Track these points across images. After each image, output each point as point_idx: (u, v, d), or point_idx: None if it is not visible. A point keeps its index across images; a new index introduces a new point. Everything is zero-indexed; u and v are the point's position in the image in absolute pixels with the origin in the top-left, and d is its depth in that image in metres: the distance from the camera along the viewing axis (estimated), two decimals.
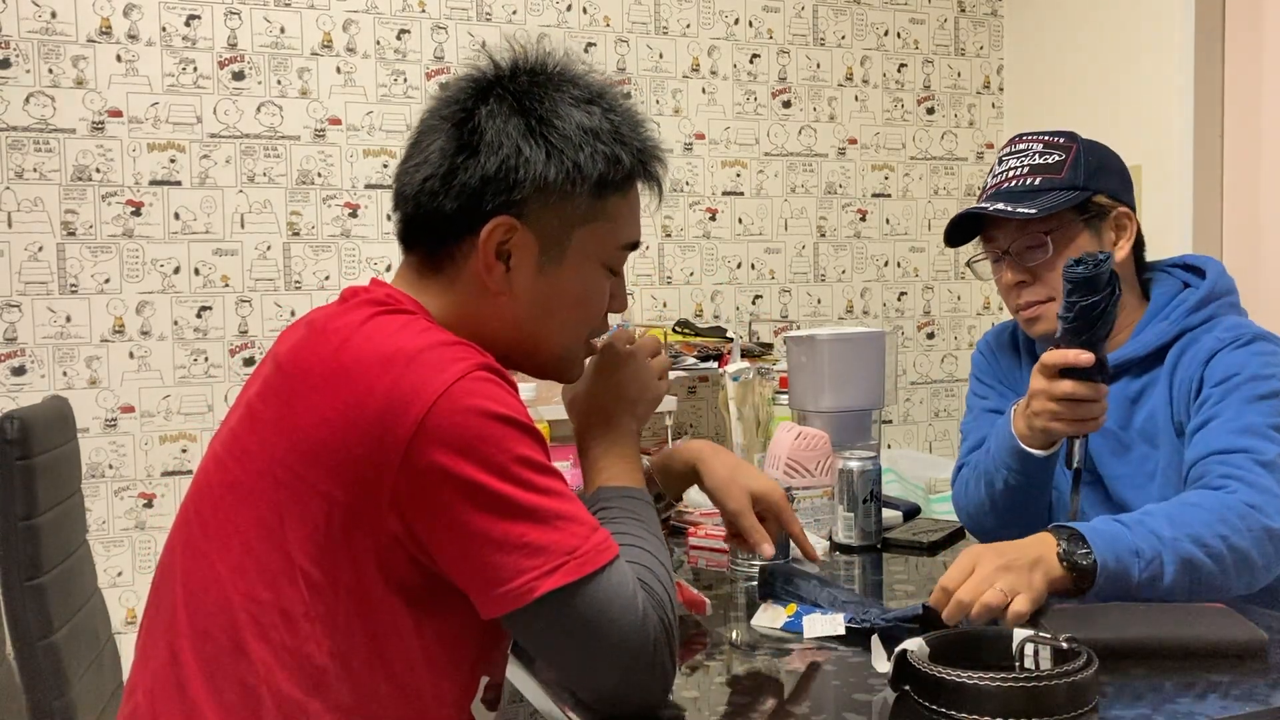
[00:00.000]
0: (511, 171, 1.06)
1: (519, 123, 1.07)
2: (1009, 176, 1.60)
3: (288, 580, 0.97)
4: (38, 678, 1.40)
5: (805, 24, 3.46)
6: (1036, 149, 1.61)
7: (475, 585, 0.97)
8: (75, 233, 2.69)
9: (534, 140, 1.06)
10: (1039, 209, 1.53)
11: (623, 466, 1.16)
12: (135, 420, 2.76)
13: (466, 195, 1.06)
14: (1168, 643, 1.13)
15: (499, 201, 1.06)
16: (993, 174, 1.64)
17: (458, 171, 1.07)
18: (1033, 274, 1.59)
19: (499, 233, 1.07)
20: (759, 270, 3.43)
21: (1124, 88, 3.25)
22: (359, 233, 2.96)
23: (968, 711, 0.97)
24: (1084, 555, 1.25)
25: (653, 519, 1.12)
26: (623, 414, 1.19)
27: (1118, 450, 1.58)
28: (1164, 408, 1.54)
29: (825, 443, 1.76)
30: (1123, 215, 1.60)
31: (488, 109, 1.08)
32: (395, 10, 2.98)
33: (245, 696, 0.97)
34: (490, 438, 0.96)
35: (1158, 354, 1.56)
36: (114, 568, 2.74)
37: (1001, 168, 1.63)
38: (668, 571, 1.06)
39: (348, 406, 0.96)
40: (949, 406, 3.72)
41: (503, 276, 1.08)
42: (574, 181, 1.07)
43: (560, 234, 1.09)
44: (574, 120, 1.08)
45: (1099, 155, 1.61)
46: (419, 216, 1.10)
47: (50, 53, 2.66)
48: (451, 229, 1.08)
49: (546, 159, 1.06)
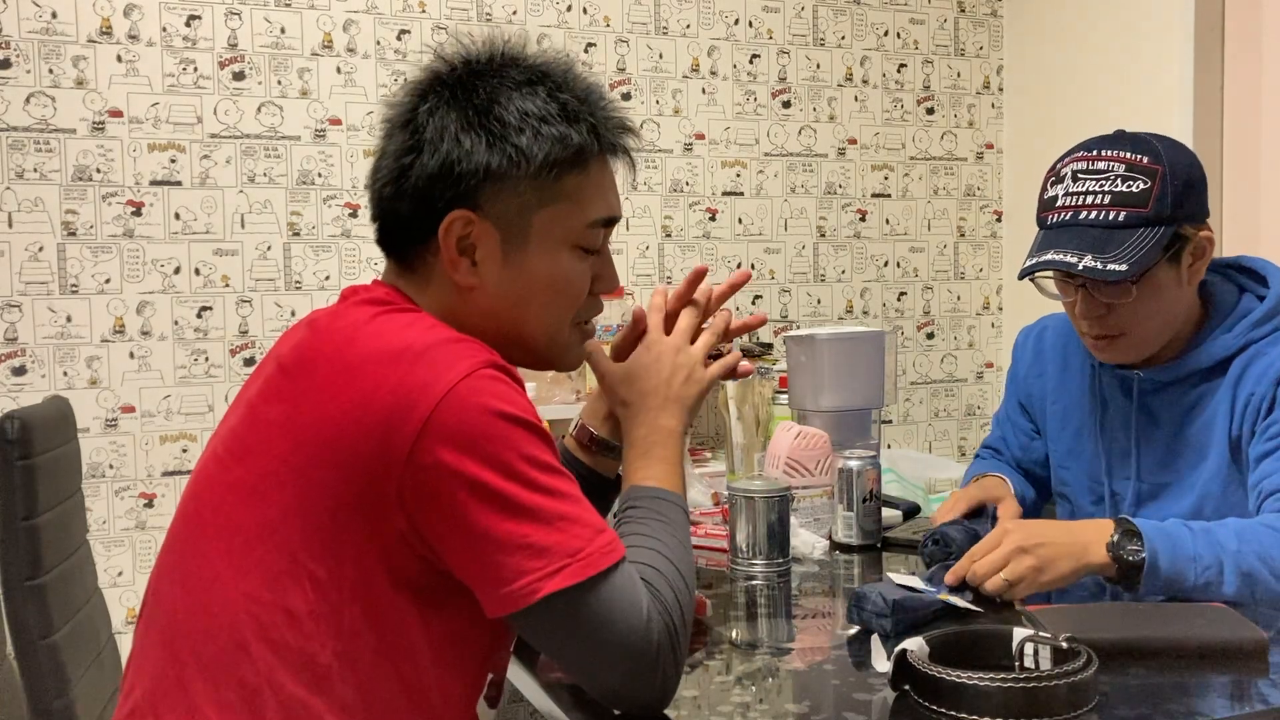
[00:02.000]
0: (455, 165, 1.06)
1: (456, 115, 1.07)
2: (1088, 204, 1.47)
3: (291, 579, 0.97)
4: (38, 678, 1.40)
5: (805, 24, 3.46)
6: (1118, 171, 1.46)
7: (479, 584, 0.97)
8: (75, 233, 2.69)
9: (474, 131, 1.06)
10: (1130, 266, 1.42)
11: (662, 468, 1.14)
12: (135, 420, 2.76)
13: (418, 195, 1.07)
14: (1168, 643, 1.13)
15: (449, 196, 1.06)
16: (1065, 190, 1.50)
17: (407, 172, 1.07)
18: (1108, 308, 1.51)
19: (457, 227, 1.07)
20: (759, 270, 3.43)
21: (1124, 88, 3.25)
22: (359, 233, 2.96)
23: (968, 711, 0.97)
24: (1134, 552, 1.25)
25: (680, 523, 1.11)
26: (664, 414, 1.18)
27: (1167, 461, 1.55)
28: (1223, 420, 1.50)
29: (825, 442, 1.76)
30: (1204, 240, 1.50)
31: (426, 106, 1.08)
32: (395, 10, 2.98)
33: (247, 696, 0.97)
34: (497, 436, 0.96)
35: (1220, 365, 1.51)
36: (114, 568, 2.74)
37: (1078, 187, 1.49)
38: (682, 575, 1.04)
39: (354, 403, 0.96)
40: (949, 406, 3.73)
41: (470, 270, 1.08)
42: (519, 165, 1.06)
43: (519, 220, 1.08)
44: (514, 105, 1.07)
45: (1183, 173, 1.47)
46: (383, 221, 1.11)
47: (50, 53, 2.66)
48: (413, 230, 1.09)
49: (488, 148, 1.06)
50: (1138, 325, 1.51)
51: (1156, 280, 1.48)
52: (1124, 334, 1.52)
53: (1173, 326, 1.55)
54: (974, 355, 3.75)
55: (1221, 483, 1.50)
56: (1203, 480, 1.51)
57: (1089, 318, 1.53)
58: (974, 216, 3.72)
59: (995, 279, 3.76)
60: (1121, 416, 1.60)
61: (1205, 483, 1.51)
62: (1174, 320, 1.54)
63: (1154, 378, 1.56)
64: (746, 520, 1.54)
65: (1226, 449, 1.50)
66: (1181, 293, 1.52)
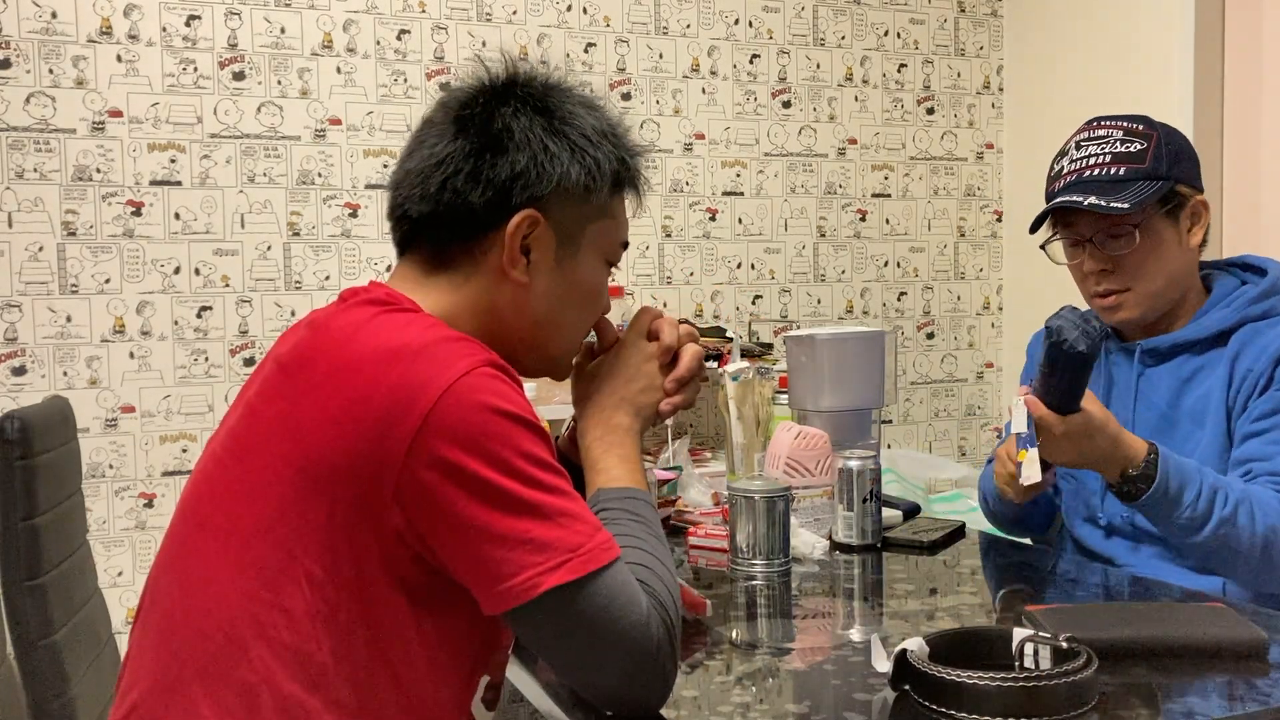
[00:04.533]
0: (539, 167, 1.10)
1: (543, 122, 1.11)
2: (1091, 164, 1.61)
3: (289, 578, 0.97)
4: (38, 678, 1.40)
5: (805, 24, 3.46)
6: (1117, 136, 1.62)
7: (478, 581, 0.97)
8: (75, 233, 2.69)
9: (557, 138, 1.11)
10: (1130, 203, 1.55)
11: (623, 467, 1.16)
12: (135, 420, 2.76)
13: (495, 190, 1.09)
14: (1168, 643, 1.13)
15: (525, 196, 1.10)
16: (1070, 159, 1.65)
17: (484, 169, 1.10)
18: (1114, 262, 1.62)
19: (524, 226, 1.10)
20: (759, 270, 3.43)
21: (1124, 88, 3.25)
22: (359, 233, 2.96)
23: (968, 711, 0.97)
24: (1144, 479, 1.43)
25: (654, 520, 1.12)
26: (620, 413, 1.19)
27: (1163, 428, 1.62)
28: (1220, 390, 1.58)
29: (825, 442, 1.75)
30: (1199, 204, 1.63)
31: (510, 109, 1.12)
32: (395, 10, 2.98)
33: (244, 695, 0.97)
34: (496, 434, 0.96)
35: (1217, 338, 1.61)
36: (114, 568, 2.74)
37: (1081, 153, 1.63)
38: (669, 572, 1.05)
39: (352, 402, 0.96)
40: (949, 406, 3.73)
41: (524, 269, 1.12)
42: (594, 178, 1.12)
43: (575, 229, 1.14)
44: (587, 122, 1.13)
45: (1176, 142, 1.63)
46: (437, 215, 1.11)
47: (50, 53, 2.66)
48: (475, 224, 1.11)
49: (571, 156, 1.11)
50: (1142, 280, 1.62)
51: (1158, 234, 1.60)
52: (1129, 289, 1.62)
53: (1176, 289, 1.65)
54: (974, 355, 3.75)
55: (1218, 452, 1.57)
56: (1199, 450, 1.57)
57: (1094, 272, 1.64)
58: (974, 216, 3.72)
59: (995, 279, 3.76)
60: (1123, 387, 1.69)
61: (1201, 452, 1.57)
62: (1176, 283, 1.64)
63: (1154, 346, 1.65)
64: (746, 520, 1.54)
65: (1224, 420, 1.57)
66: (1182, 253, 1.63)
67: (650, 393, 1.22)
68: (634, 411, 1.20)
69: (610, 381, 1.21)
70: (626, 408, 1.20)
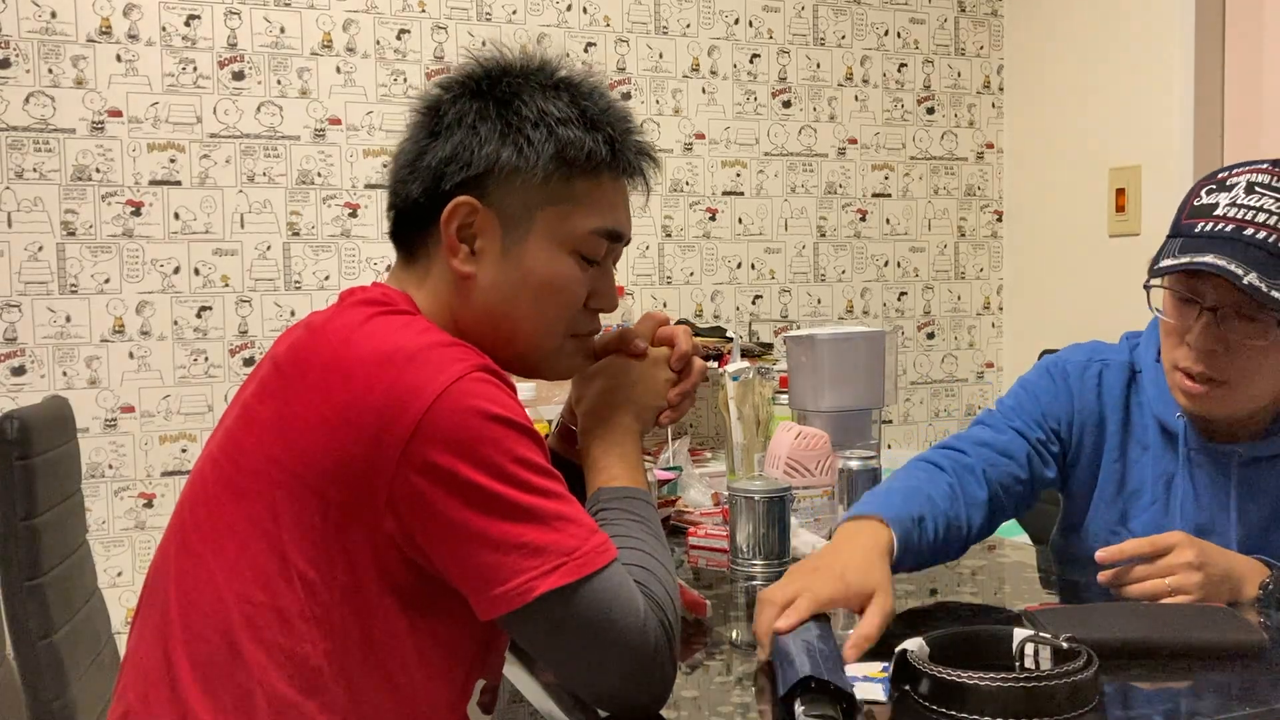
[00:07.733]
0: (466, 150, 1.08)
1: (477, 106, 1.10)
2: (1259, 222, 1.29)
3: (284, 580, 0.97)
4: (38, 678, 1.40)
5: (805, 24, 3.46)
6: None
7: (473, 586, 0.97)
8: (75, 233, 2.69)
9: (489, 121, 1.09)
10: None
11: (623, 467, 1.15)
12: (135, 420, 2.76)
13: (428, 177, 1.09)
14: (1168, 643, 1.13)
15: (457, 181, 1.08)
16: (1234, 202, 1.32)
17: (423, 155, 1.10)
18: (1227, 346, 1.33)
19: (460, 212, 1.08)
20: (759, 270, 3.43)
21: (1124, 88, 3.25)
22: (359, 233, 2.96)
23: (968, 711, 0.97)
24: None
25: (654, 520, 1.11)
26: (621, 413, 1.19)
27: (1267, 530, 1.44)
28: None
29: (825, 442, 1.76)
30: None
31: (451, 96, 1.11)
32: (395, 10, 2.98)
33: (239, 697, 0.97)
34: (489, 438, 0.96)
35: None
36: (114, 568, 2.74)
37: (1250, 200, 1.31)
38: (669, 573, 1.05)
39: (345, 405, 0.96)
40: (949, 406, 3.72)
41: (467, 257, 1.10)
42: (528, 160, 1.08)
43: (522, 214, 1.10)
44: (535, 103, 1.09)
45: None
46: (395, 208, 1.13)
47: (50, 53, 2.66)
48: (419, 215, 1.10)
49: (500, 137, 1.08)
50: (1247, 377, 1.35)
51: None
52: (1228, 383, 1.35)
53: (1270, 395, 1.40)
54: (974, 355, 3.75)
55: None
56: None
57: (1201, 350, 1.34)
58: (974, 216, 3.72)
59: (996, 279, 3.76)
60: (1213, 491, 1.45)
61: None
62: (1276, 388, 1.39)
63: (1254, 453, 1.42)
64: (746, 520, 1.54)
65: None
66: None
67: (655, 398, 1.21)
68: (636, 414, 1.19)
69: (615, 382, 1.20)
70: (630, 409, 1.19)
